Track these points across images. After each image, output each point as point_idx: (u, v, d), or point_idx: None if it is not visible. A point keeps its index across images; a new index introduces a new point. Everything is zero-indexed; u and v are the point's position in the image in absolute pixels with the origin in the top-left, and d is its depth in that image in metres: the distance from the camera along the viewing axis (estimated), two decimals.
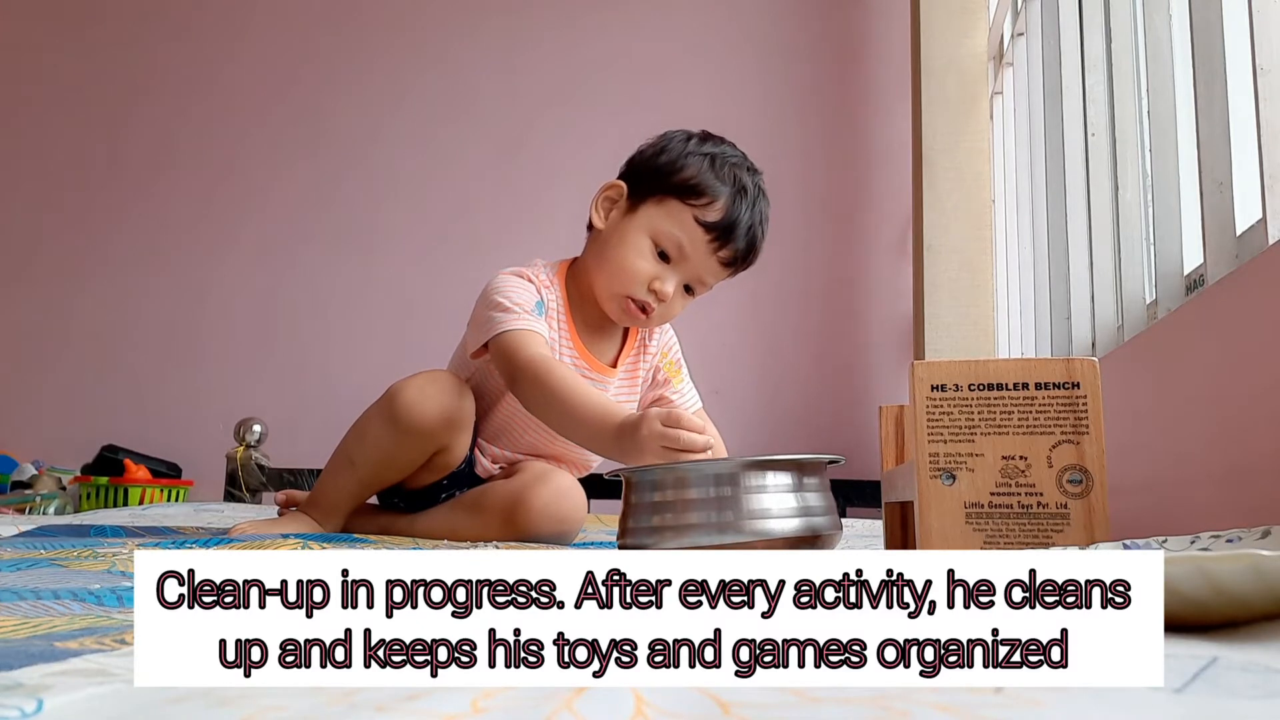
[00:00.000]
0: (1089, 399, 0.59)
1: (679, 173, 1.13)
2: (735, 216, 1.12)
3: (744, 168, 1.16)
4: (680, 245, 1.13)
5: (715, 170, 1.13)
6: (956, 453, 0.60)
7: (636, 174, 1.18)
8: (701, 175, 1.13)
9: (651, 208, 1.14)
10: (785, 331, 2.26)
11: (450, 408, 1.11)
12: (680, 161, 1.14)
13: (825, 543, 0.82)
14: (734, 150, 1.18)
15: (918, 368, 0.61)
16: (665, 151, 1.16)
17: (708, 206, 1.12)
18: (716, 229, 1.12)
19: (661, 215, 1.14)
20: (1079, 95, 1.28)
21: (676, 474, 0.81)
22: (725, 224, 1.12)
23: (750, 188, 1.14)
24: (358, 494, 1.17)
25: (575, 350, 1.20)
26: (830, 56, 2.34)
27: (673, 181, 1.13)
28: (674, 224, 1.13)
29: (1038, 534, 0.58)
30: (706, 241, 1.13)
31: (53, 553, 0.79)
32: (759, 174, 1.18)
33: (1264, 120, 0.73)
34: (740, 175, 1.14)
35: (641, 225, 1.14)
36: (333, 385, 2.37)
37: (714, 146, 1.17)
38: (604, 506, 1.55)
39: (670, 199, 1.13)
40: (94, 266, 2.55)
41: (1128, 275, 1.10)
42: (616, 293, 1.16)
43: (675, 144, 1.17)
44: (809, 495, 0.81)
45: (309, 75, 2.54)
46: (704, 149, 1.15)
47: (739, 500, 0.78)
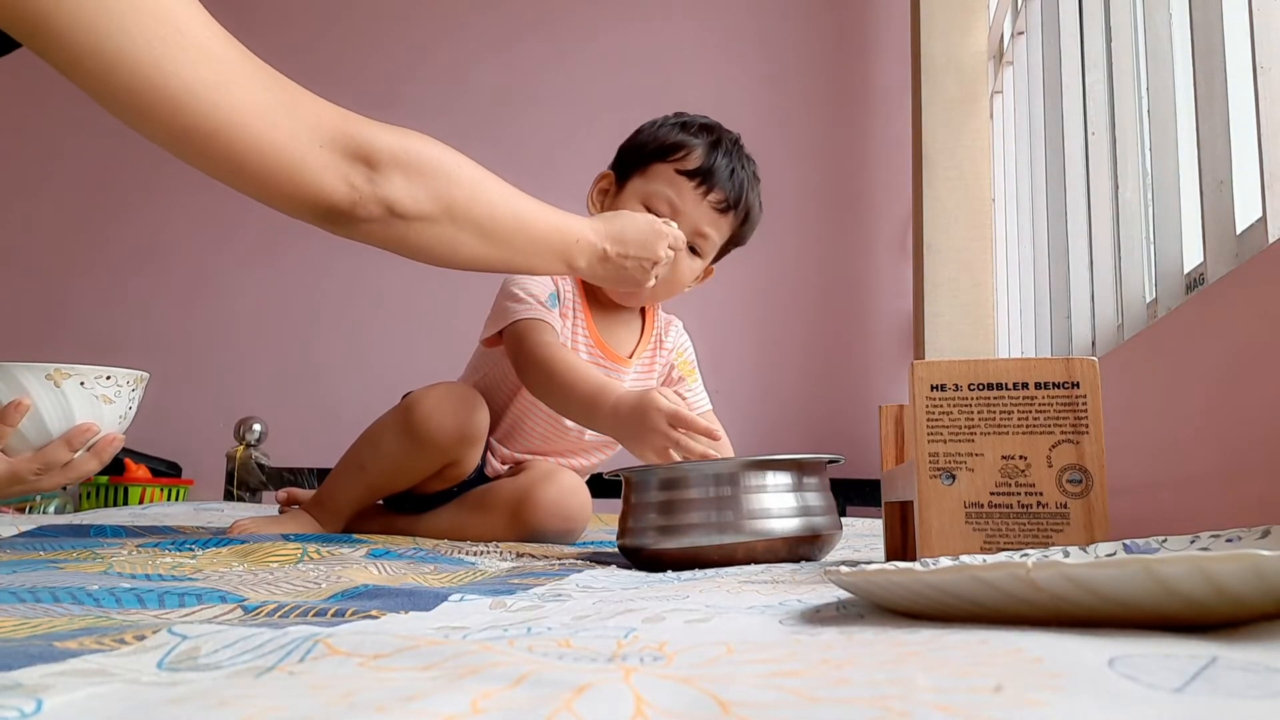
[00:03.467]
0: (1089, 399, 0.59)
1: (654, 140, 1.20)
2: (714, 161, 1.17)
3: (717, 126, 1.22)
4: (670, 200, 1.17)
5: (686, 129, 1.20)
6: (956, 452, 0.60)
7: (621, 159, 1.24)
8: (674, 134, 1.19)
9: (637, 179, 1.20)
10: (785, 331, 2.26)
11: (465, 423, 1.12)
12: (654, 133, 1.21)
13: (825, 543, 0.82)
14: (704, 117, 1.24)
15: (918, 367, 0.61)
16: (641, 132, 1.24)
17: (686, 157, 1.18)
18: (699, 173, 1.17)
19: (647, 180, 1.19)
20: (1079, 94, 1.28)
21: (676, 474, 0.81)
22: (706, 168, 1.17)
23: (725, 140, 1.20)
24: (365, 498, 1.18)
25: (591, 339, 1.22)
26: (830, 56, 2.34)
27: (650, 149, 1.20)
28: (660, 182, 1.18)
29: (1037, 534, 0.58)
30: (693, 188, 1.17)
31: (52, 554, 0.79)
32: (734, 134, 1.23)
33: (1264, 119, 0.73)
34: (713, 130, 1.21)
35: (632, 196, 1.19)
36: (333, 385, 2.37)
37: (684, 117, 1.23)
38: (604, 506, 1.55)
39: (652, 164, 1.19)
40: (94, 266, 2.55)
41: (1128, 275, 1.10)
42: None
43: (648, 124, 1.24)
44: (809, 495, 0.81)
45: (307, 72, 2.52)
46: (674, 119, 1.23)
47: (739, 500, 0.78)
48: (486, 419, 1.15)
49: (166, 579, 0.63)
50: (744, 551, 0.77)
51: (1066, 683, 0.25)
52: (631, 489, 0.84)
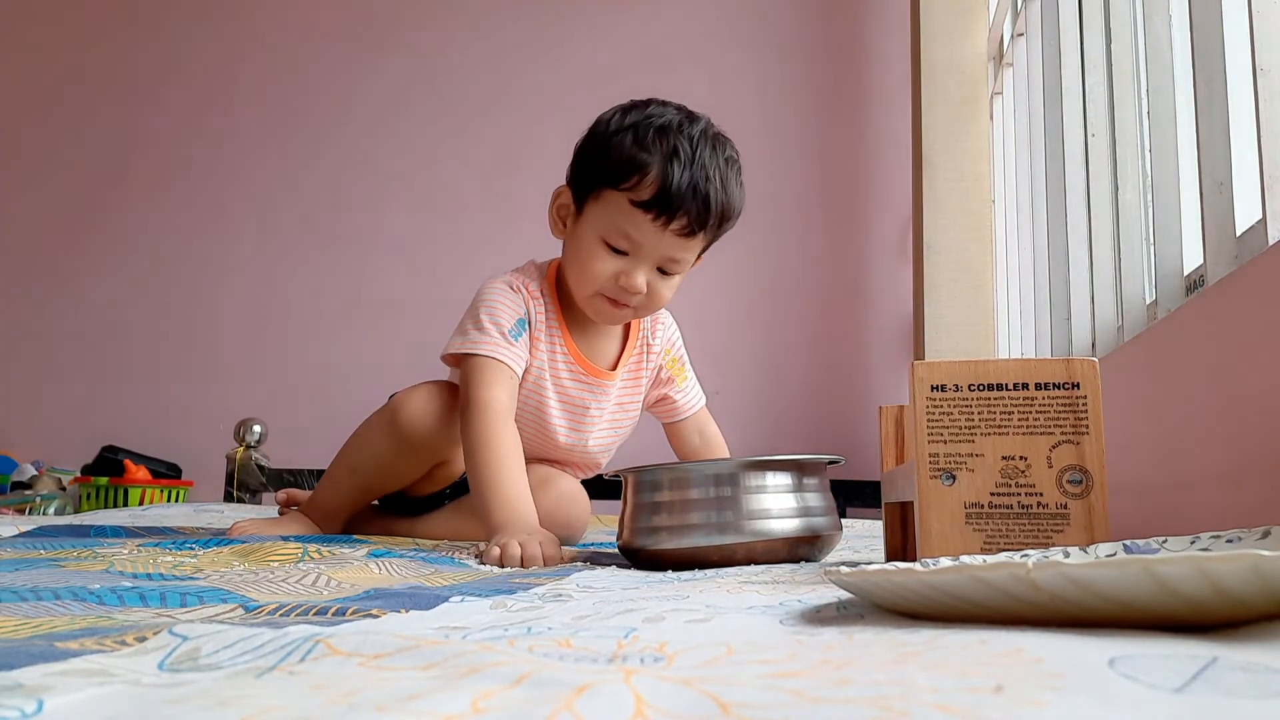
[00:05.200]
0: (1089, 399, 0.59)
1: (605, 157, 1.05)
2: (670, 184, 1.01)
3: (673, 128, 1.04)
4: (628, 235, 1.04)
5: (639, 142, 1.03)
6: (956, 453, 0.60)
7: (576, 173, 1.11)
8: (625, 152, 1.03)
9: (593, 207, 1.07)
10: (785, 331, 2.26)
11: (452, 423, 1.10)
12: (605, 144, 1.06)
13: (825, 543, 0.82)
14: (662, 110, 1.08)
15: (918, 368, 0.61)
16: (592, 138, 1.09)
17: (638, 185, 1.02)
18: (654, 205, 1.02)
19: (603, 210, 1.06)
20: (1079, 95, 1.28)
21: (677, 474, 0.81)
22: (660, 196, 1.02)
23: (684, 147, 1.03)
24: (357, 500, 1.18)
25: (570, 356, 1.15)
26: (830, 57, 2.34)
27: (602, 170, 1.05)
28: (616, 215, 1.04)
29: (1038, 534, 0.58)
30: (650, 222, 1.03)
31: (53, 553, 0.79)
32: (698, 122, 1.07)
33: (1264, 120, 0.73)
34: (669, 138, 1.03)
35: (590, 228, 1.07)
36: (333, 385, 2.37)
37: (638, 115, 1.07)
38: (604, 507, 1.55)
39: (605, 190, 1.05)
40: (94, 267, 2.55)
41: (1128, 275, 1.10)
42: (589, 295, 1.10)
43: (600, 127, 1.09)
44: (809, 495, 0.81)
45: (310, 78, 2.54)
46: (627, 121, 1.06)
47: (739, 500, 0.78)
48: None
49: (168, 578, 0.63)
50: (744, 552, 0.77)
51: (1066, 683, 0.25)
52: (631, 489, 0.84)
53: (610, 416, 1.21)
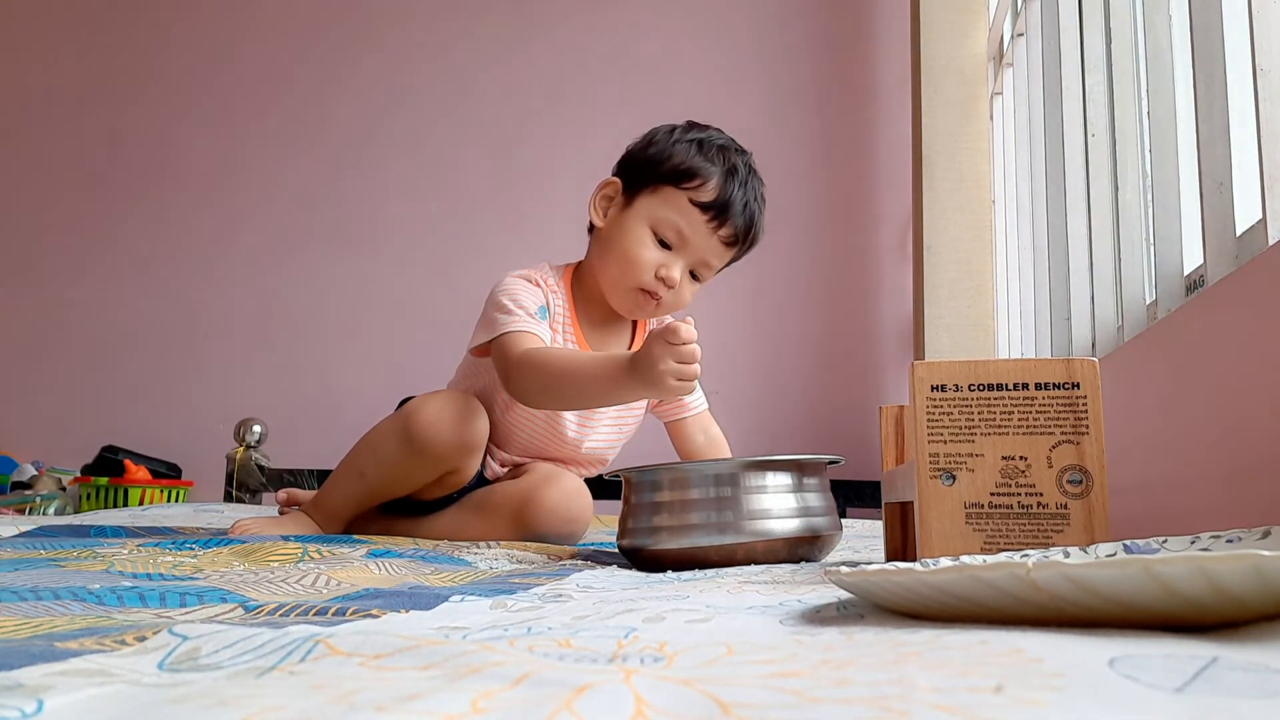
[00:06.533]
0: (1089, 399, 0.59)
1: (669, 160, 1.15)
2: (729, 195, 1.14)
3: (732, 149, 1.18)
4: (680, 230, 1.14)
5: (704, 153, 1.15)
6: (956, 453, 0.60)
7: (629, 168, 1.20)
8: (691, 159, 1.14)
9: (647, 198, 1.16)
10: (785, 332, 2.26)
11: (465, 431, 1.11)
12: (669, 150, 1.16)
13: (825, 543, 0.82)
14: (720, 134, 1.20)
15: (918, 368, 0.61)
16: (654, 144, 1.18)
17: (701, 187, 1.14)
18: (713, 208, 1.13)
19: (658, 203, 1.15)
20: (1079, 95, 1.28)
21: (677, 474, 0.81)
22: (721, 202, 1.13)
23: (741, 167, 1.16)
24: (363, 503, 1.18)
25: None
26: (830, 56, 2.34)
27: (664, 169, 1.15)
28: (671, 210, 1.14)
29: (1038, 534, 0.58)
30: (705, 222, 1.14)
31: (53, 553, 0.79)
32: (748, 154, 1.19)
33: (1264, 120, 0.73)
34: (729, 156, 1.16)
35: (640, 216, 1.16)
36: (333, 385, 2.37)
37: (700, 132, 1.18)
38: (604, 507, 1.55)
39: (664, 186, 1.15)
40: (94, 266, 2.55)
41: (1128, 275, 1.10)
42: (626, 285, 1.17)
43: (662, 135, 1.19)
44: (809, 495, 0.81)
45: (308, 75, 2.54)
46: (690, 135, 1.17)
47: (739, 500, 0.78)
48: (486, 427, 1.14)
49: (168, 578, 0.63)
50: (744, 552, 0.77)
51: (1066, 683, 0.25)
52: (631, 489, 0.84)
53: (616, 415, 1.25)
